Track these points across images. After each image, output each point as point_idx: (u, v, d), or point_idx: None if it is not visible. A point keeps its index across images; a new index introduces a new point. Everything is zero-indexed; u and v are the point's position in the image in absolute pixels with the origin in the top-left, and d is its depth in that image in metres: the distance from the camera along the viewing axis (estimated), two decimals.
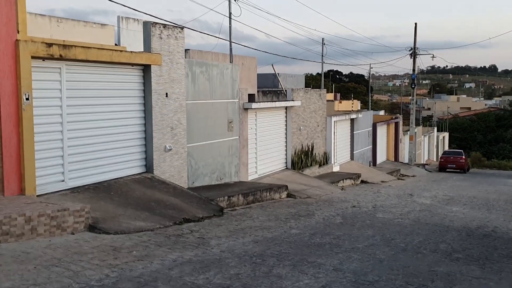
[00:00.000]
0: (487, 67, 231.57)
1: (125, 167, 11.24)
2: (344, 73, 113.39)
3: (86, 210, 7.99)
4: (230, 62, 16.16)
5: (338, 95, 36.77)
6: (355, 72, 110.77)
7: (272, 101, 17.90)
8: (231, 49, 16.10)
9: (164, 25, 12.08)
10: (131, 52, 11.16)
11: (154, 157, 11.77)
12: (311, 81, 63.29)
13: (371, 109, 41.88)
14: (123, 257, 6.52)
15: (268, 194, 13.78)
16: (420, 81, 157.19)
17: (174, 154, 12.37)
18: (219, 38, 16.22)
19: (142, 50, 11.66)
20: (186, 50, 15.87)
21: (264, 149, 17.64)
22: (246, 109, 15.93)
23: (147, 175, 11.56)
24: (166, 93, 12.06)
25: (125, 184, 10.73)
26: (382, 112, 48.51)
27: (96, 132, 10.53)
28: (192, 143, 13.22)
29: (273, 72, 20.68)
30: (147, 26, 11.66)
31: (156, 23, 11.86)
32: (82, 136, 10.18)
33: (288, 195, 14.79)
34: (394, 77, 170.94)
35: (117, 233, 7.88)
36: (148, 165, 11.80)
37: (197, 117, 13.45)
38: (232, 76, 14.99)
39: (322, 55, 28.18)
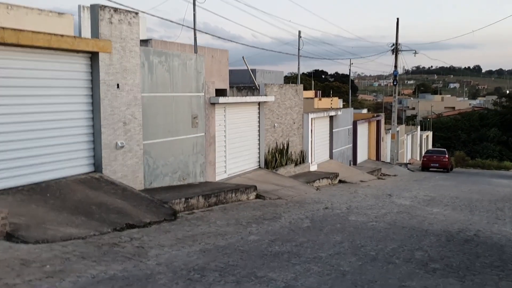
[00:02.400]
0: (471, 67, 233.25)
1: (68, 166, 10.03)
2: (329, 73, 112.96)
3: (2, 215, 6.81)
4: (195, 52, 15.00)
5: (319, 92, 35.70)
6: (340, 72, 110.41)
7: (243, 96, 16.78)
8: (195, 38, 14.95)
9: (115, 9, 10.90)
10: (75, 37, 9.99)
11: (104, 155, 10.59)
12: (296, 80, 62.25)
13: (355, 108, 40.91)
14: (29, 273, 5.36)
15: (233, 195, 12.67)
16: (405, 81, 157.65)
17: (127, 151, 11.20)
18: (183, 25, 15.03)
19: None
20: (148, 40, 14.69)
21: (234, 147, 16.51)
22: (213, 104, 14.79)
23: (94, 175, 10.38)
24: (118, 84, 10.89)
25: (67, 185, 9.54)
26: (365, 111, 47.74)
27: (32, 126, 9.31)
28: (150, 140, 12.05)
29: (250, 68, 19.53)
30: (95, 10, 10.48)
31: (106, 6, 10.68)
32: (15, 131, 8.97)
33: (257, 196, 13.69)
34: (380, 77, 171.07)
35: (38, 242, 6.71)
36: (97, 164, 10.61)
37: (155, 112, 12.28)
38: (196, 67, 13.84)
39: (299, 48, 27.14)
